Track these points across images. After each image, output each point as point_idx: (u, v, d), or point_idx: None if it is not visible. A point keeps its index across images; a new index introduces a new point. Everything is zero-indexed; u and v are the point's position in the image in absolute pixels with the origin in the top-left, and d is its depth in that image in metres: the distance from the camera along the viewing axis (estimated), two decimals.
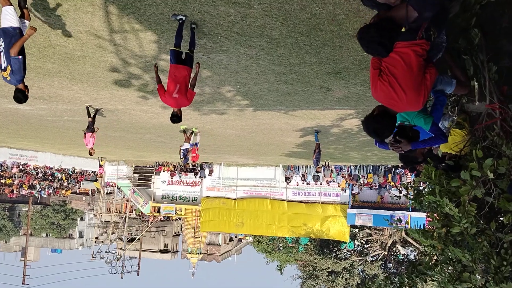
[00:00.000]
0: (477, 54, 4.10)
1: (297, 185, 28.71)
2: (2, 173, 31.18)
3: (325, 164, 25.73)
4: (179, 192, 31.71)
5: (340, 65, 7.23)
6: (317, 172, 19.05)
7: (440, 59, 3.81)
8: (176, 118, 7.26)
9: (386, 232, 33.43)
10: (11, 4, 5.04)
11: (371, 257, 34.59)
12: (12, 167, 30.99)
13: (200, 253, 40.13)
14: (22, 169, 31.75)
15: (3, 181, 31.75)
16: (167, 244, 50.15)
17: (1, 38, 5.17)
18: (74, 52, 7.19)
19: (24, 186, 32.82)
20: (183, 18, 5.66)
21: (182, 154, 15.52)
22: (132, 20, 5.89)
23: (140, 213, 36.34)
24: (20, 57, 5.24)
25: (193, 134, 15.25)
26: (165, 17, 5.73)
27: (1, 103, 11.88)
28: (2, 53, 5.26)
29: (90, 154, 13.28)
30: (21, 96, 5.84)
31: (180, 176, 30.96)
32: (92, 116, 11.96)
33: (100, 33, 6.35)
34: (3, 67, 5.37)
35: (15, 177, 32.10)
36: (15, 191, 33.08)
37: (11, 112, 13.29)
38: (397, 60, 3.27)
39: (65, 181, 36.20)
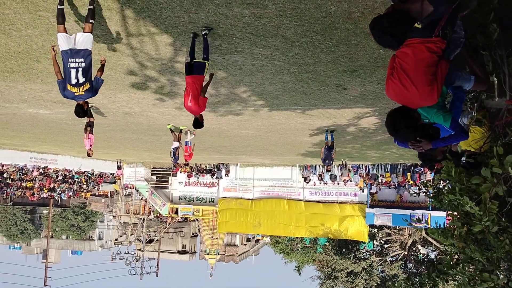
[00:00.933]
0: (495, 49, 4.04)
1: (314, 185, 28.60)
2: (23, 176, 31.66)
3: (342, 163, 25.58)
4: (196, 193, 31.85)
5: (356, 63, 7.19)
6: (328, 171, 18.97)
7: (458, 55, 3.76)
8: (195, 123, 7.42)
9: (405, 231, 33.09)
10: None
11: (391, 257, 34.26)
12: (32, 171, 31.46)
13: (218, 254, 40.24)
14: (43, 172, 32.21)
15: (24, 184, 32.23)
16: (185, 245, 50.39)
17: (84, 58, 5.64)
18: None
19: (44, 189, 33.28)
20: (207, 32, 5.95)
21: (171, 153, 15.24)
22: (148, 24, 5.94)
23: (158, 215, 36.59)
24: (103, 79, 6.00)
25: (182, 132, 14.92)
26: (181, 19, 5.77)
27: (22, 107, 12.07)
28: (80, 70, 5.69)
29: (88, 155, 12.91)
30: (81, 110, 6.79)
31: (197, 177, 31.08)
32: (89, 115, 11.64)
33: (117, 37, 6.41)
34: (78, 83, 5.78)
35: (35, 180, 32.57)
36: (36, 194, 33.57)
37: (31, 116, 13.50)
38: (409, 55, 3.24)
39: (85, 183, 36.63)
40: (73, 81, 5.73)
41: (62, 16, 5.33)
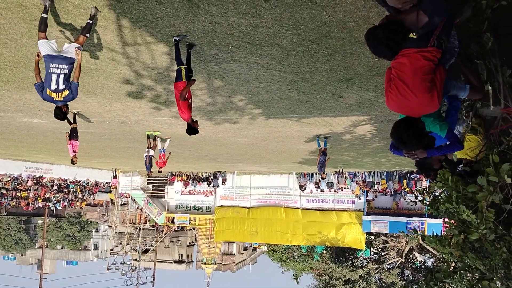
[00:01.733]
0: (490, 59, 4.06)
1: (311, 192, 28.60)
2: (18, 186, 31.49)
3: (339, 171, 25.61)
4: (193, 201, 31.78)
5: (351, 71, 7.22)
6: (322, 178, 18.97)
7: (453, 64, 3.78)
8: (188, 129, 7.38)
9: (402, 239, 33.08)
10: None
11: (388, 264, 34.22)
12: (27, 180, 31.30)
13: (215, 263, 40.06)
14: (37, 181, 32.05)
15: (19, 194, 32.04)
16: (182, 254, 50.16)
17: (67, 65, 5.75)
18: (88, 65, 7.28)
19: (39, 198, 33.10)
20: (177, 39, 6.00)
21: (145, 161, 14.77)
22: (144, 33, 5.95)
23: (154, 224, 36.48)
24: (78, 82, 5.93)
25: (156, 139, 14.55)
26: (177, 29, 5.79)
27: (17, 117, 12.04)
28: (61, 76, 5.78)
29: (72, 162, 12.48)
30: (59, 112, 7.22)
31: (194, 186, 31.01)
32: (73, 121, 11.41)
33: (113, 46, 6.42)
34: (58, 89, 5.85)
35: (30, 190, 32.39)
36: (30, 204, 33.37)
37: (26, 126, 13.46)
38: (406, 64, 3.26)
39: (80, 193, 36.47)
40: (53, 86, 5.80)
41: (45, 24, 5.37)
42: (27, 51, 6.72)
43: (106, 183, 36.64)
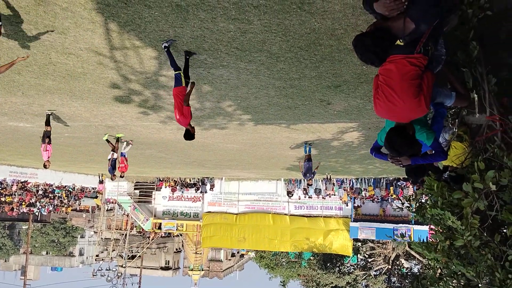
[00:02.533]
0: (476, 67, 4.12)
1: (299, 199, 28.61)
2: (2, 191, 31.05)
3: (327, 177, 25.67)
4: (180, 207, 31.57)
5: (339, 78, 7.26)
6: (309, 185, 18.94)
7: (439, 72, 3.82)
8: (186, 135, 7.36)
9: (389, 245, 33.23)
10: None
11: (375, 271, 34.33)
12: (12, 185, 30.90)
13: (202, 270, 39.80)
14: (22, 186, 31.66)
15: (3, 199, 31.59)
16: (168, 261, 49.79)
17: None
18: (75, 69, 7.23)
19: (24, 203, 32.69)
20: (166, 45, 5.99)
21: (110, 165, 14.24)
22: (133, 37, 5.93)
23: (141, 230, 36.16)
24: None
25: (119, 141, 13.97)
26: (166, 33, 5.78)
27: (2, 120, 11.91)
28: None
29: (45, 166, 12.19)
30: None
31: (181, 192, 30.85)
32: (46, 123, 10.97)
33: (100, 50, 6.39)
34: None
35: (15, 195, 31.97)
36: (15, 209, 32.93)
37: (11, 129, 13.31)
38: (393, 70, 3.28)
39: (65, 198, 36.08)
40: None
41: None
42: (13, 54, 6.65)
43: (92, 188, 36.30)
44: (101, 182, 30.26)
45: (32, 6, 5.20)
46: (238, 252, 50.79)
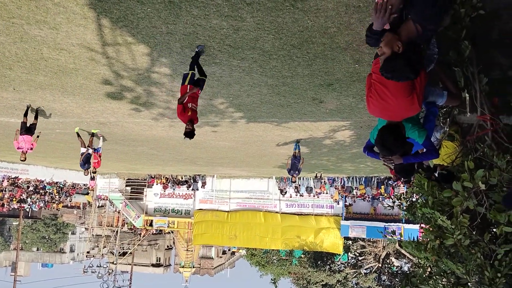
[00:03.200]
0: (467, 66, 4.14)
1: (291, 197, 28.65)
2: None
3: (317, 176, 25.73)
4: (172, 205, 31.51)
5: (332, 77, 7.27)
6: (293, 181, 18.86)
7: (431, 71, 3.84)
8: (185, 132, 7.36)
9: (379, 244, 33.39)
10: None
11: (365, 269, 34.47)
12: (2, 181, 30.68)
13: (193, 267, 39.81)
14: (13, 182, 31.44)
15: None
16: (160, 258, 49.70)
17: None
18: (67, 65, 7.18)
19: (14, 199, 32.47)
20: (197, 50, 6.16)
21: (82, 160, 13.79)
22: (125, 33, 5.90)
23: (132, 227, 36.03)
24: None
25: (93, 136, 13.70)
26: (158, 30, 5.75)
27: None
28: None
29: (22, 160, 11.89)
30: None
31: (173, 189, 30.78)
32: (34, 117, 10.70)
33: (92, 46, 6.35)
34: None
35: (5, 191, 31.75)
36: (5, 205, 32.71)
37: (2, 125, 13.20)
38: None
39: (56, 194, 35.88)
40: None
41: None
42: (4, 49, 6.60)
43: (84, 184, 36.14)
44: (92, 178, 30.07)
45: (23, 1, 5.15)
46: (229, 250, 50.81)
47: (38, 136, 11.76)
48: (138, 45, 6.29)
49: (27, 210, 39.05)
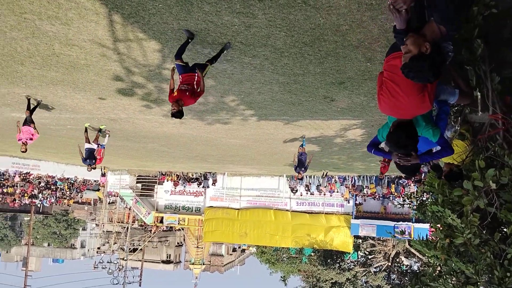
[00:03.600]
0: (479, 65, 4.10)
1: (301, 195, 28.65)
2: (4, 182, 31.17)
3: (323, 174, 25.69)
4: (182, 202, 31.66)
5: (343, 75, 7.25)
6: (299, 179, 18.70)
7: (444, 69, 3.81)
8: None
9: (389, 243, 33.26)
10: None
11: (375, 268, 34.39)
12: (14, 176, 31.00)
13: (203, 264, 39.94)
14: (25, 178, 31.75)
15: (5, 190, 31.72)
16: (170, 254, 49.93)
17: None
18: (78, 60, 7.23)
19: (26, 195, 32.79)
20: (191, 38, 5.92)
21: (84, 155, 13.43)
22: (136, 29, 5.93)
23: (143, 223, 36.26)
24: None
25: (100, 132, 13.59)
26: (169, 26, 5.77)
27: (4, 111, 11.94)
28: None
29: (22, 151, 11.60)
30: None
31: (183, 186, 30.91)
32: (31, 109, 10.48)
33: (104, 41, 6.39)
34: None
35: (17, 186, 32.08)
36: (17, 200, 33.05)
37: (14, 121, 13.33)
38: (398, 66, 3.27)
39: (68, 190, 36.19)
40: None
41: None
42: (16, 44, 6.66)
43: (95, 181, 36.40)
44: (103, 175, 30.32)
45: None
46: (239, 247, 50.90)
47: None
48: (149, 41, 6.31)
49: (38, 205, 39.42)
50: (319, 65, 6.86)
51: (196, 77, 6.48)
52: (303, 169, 13.70)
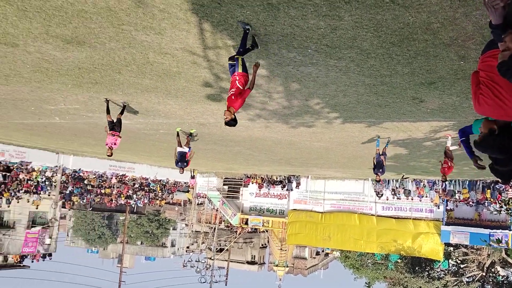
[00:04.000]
0: None
1: (387, 199, 27.86)
2: (102, 183, 33.32)
3: (402, 178, 24.76)
4: (267, 204, 32.03)
5: (434, 75, 6.96)
6: (376, 181, 17.92)
7: None
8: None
9: (484, 251, 31.30)
10: None
11: (467, 278, 32.50)
12: (111, 178, 33.04)
13: (287, 266, 40.06)
14: (120, 179, 33.73)
15: (103, 191, 33.89)
16: (254, 255, 50.67)
17: None
18: (170, 68, 7.58)
19: (122, 196, 34.81)
20: (249, 28, 5.73)
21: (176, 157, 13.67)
22: (225, 36, 6.10)
23: (229, 224, 37.13)
24: None
25: (191, 136, 13.74)
26: (256, 32, 5.88)
27: (103, 117, 12.72)
28: None
29: (108, 155, 11.82)
30: None
31: (268, 189, 31.26)
32: (121, 112, 10.77)
33: (194, 49, 6.64)
34: None
35: (114, 187, 34.14)
36: (113, 201, 35.17)
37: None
38: (495, 67, 3.08)
39: (160, 191, 37.92)
40: None
41: None
42: (114, 54, 7.12)
43: (185, 183, 37.85)
44: (192, 177, 31.46)
45: (132, 8, 5.52)
46: (322, 251, 50.50)
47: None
48: (237, 48, 6.47)
49: (133, 205, 41.58)
50: (407, 65, 6.65)
51: (237, 76, 6.24)
52: (380, 170, 13.15)
